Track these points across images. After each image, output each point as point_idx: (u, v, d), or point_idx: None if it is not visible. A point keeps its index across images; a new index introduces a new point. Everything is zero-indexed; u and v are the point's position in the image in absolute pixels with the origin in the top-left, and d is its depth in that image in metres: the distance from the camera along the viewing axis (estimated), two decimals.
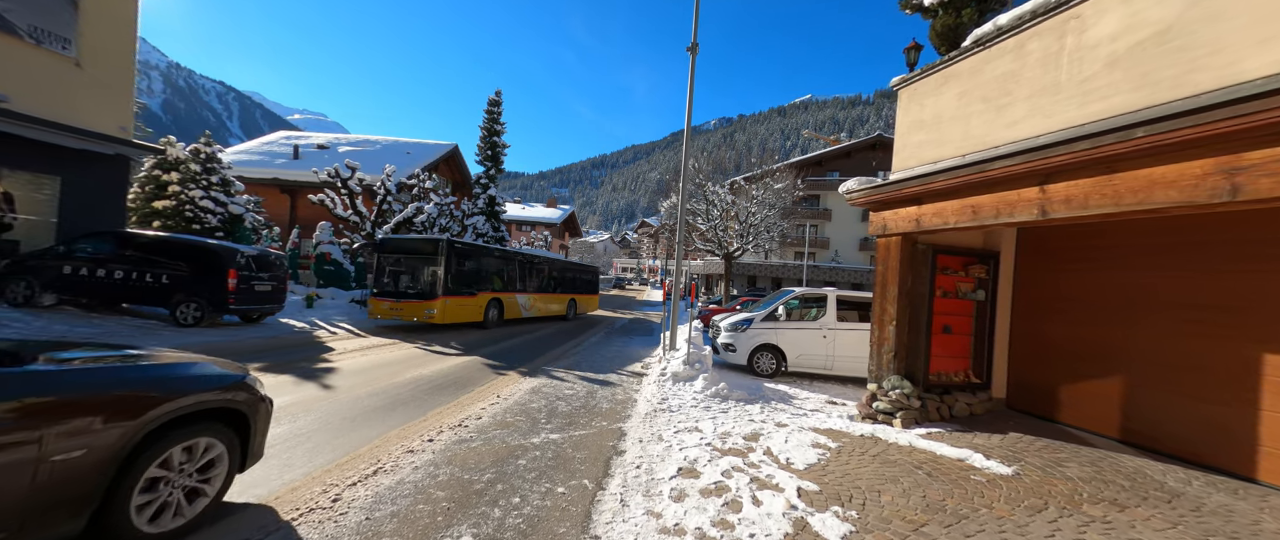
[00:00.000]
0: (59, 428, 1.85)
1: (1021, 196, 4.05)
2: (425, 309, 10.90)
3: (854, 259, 38.43)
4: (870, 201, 5.70)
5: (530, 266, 15.38)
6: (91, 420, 1.94)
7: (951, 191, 4.64)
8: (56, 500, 1.88)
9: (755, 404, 6.18)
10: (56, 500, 1.88)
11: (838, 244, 38.92)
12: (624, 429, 4.81)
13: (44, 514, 1.85)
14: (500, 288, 13.43)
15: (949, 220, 4.72)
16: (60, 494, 1.88)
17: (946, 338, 5.46)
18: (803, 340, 8.87)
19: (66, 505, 1.91)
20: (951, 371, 5.50)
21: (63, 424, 1.87)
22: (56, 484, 1.86)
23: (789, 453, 4.10)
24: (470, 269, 12.21)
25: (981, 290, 5.55)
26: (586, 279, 20.50)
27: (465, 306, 11.79)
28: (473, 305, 12.08)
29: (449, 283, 11.18)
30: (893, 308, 5.39)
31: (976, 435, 4.62)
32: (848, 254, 38.67)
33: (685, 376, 7.09)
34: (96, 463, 1.96)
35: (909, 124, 5.44)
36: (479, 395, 5.74)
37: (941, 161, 4.91)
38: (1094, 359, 4.80)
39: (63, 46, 10.30)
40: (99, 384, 2.05)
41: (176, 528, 2.30)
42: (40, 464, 1.81)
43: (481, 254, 12.99)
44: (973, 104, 4.70)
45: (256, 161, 24.49)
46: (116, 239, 9.43)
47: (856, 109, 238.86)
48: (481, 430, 4.43)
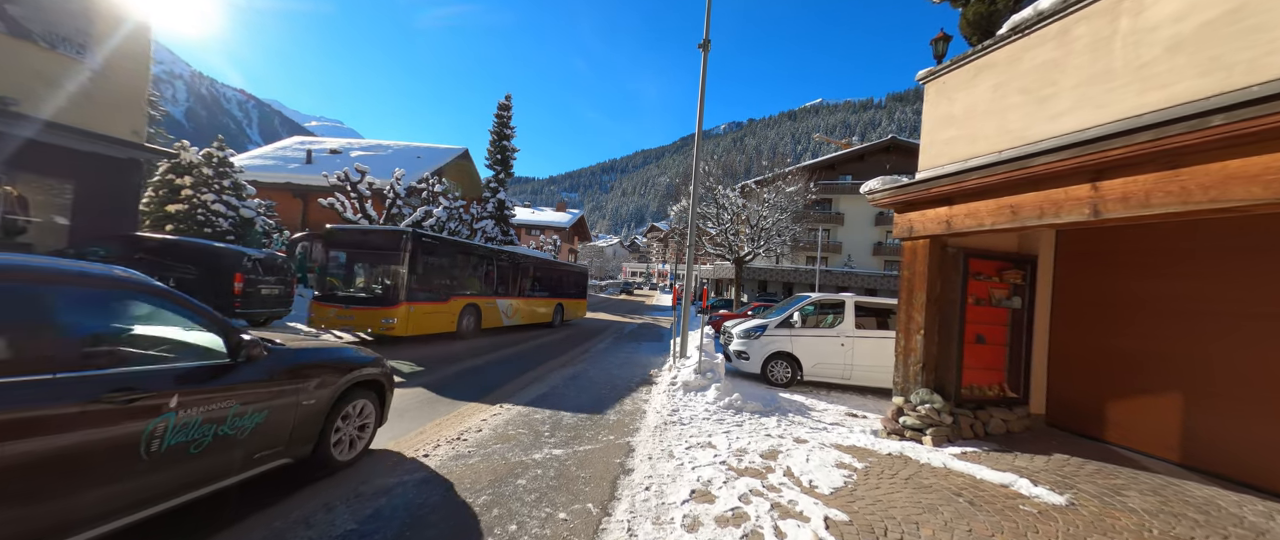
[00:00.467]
0: (306, 384, 2.99)
1: (1069, 195, 3.69)
2: (382, 317, 8.91)
3: (868, 264, 37.69)
4: (895, 202, 5.35)
5: (513, 267, 13.71)
6: (320, 381, 3.09)
7: (987, 190, 4.29)
8: (302, 432, 2.99)
9: (771, 416, 5.84)
10: (302, 432, 2.99)
11: (851, 249, 38.23)
12: (632, 443, 4.51)
13: (296, 439, 2.96)
14: (478, 291, 11.82)
15: (984, 221, 4.36)
16: (304, 429, 3.00)
17: (979, 348, 5.07)
18: (820, 348, 8.49)
19: (306, 436, 3.04)
20: (985, 385, 5.11)
21: (307, 383, 2.99)
22: (302, 421, 2.97)
23: (811, 474, 3.76)
24: (440, 269, 10.33)
25: (1017, 297, 5.15)
26: (574, 282, 18.77)
27: (434, 315, 9.97)
28: (443, 313, 10.24)
29: (413, 285, 9.29)
30: (920, 315, 5.02)
31: (1018, 456, 4.22)
32: (861, 259, 37.94)
33: (697, 386, 6.76)
34: (320, 409, 3.10)
35: (937, 119, 5.10)
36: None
37: (974, 159, 4.55)
38: (1150, 373, 4.38)
39: (78, 52, 10.41)
40: (322, 359, 3.20)
41: (350, 458, 3.48)
42: (297, 408, 2.92)
43: (455, 250, 11.06)
44: (1010, 96, 4.35)
45: (270, 166, 24.79)
46: (126, 242, 9.43)
47: (868, 113, 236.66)
48: (481, 444, 4.16)
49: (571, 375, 7.76)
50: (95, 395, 1.94)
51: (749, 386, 7.83)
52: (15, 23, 9.14)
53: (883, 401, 8.03)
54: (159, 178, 14.43)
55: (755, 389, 7.68)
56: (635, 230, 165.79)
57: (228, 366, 2.53)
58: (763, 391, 7.55)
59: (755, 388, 7.87)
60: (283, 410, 2.81)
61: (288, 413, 2.85)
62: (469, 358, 8.65)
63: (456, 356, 8.67)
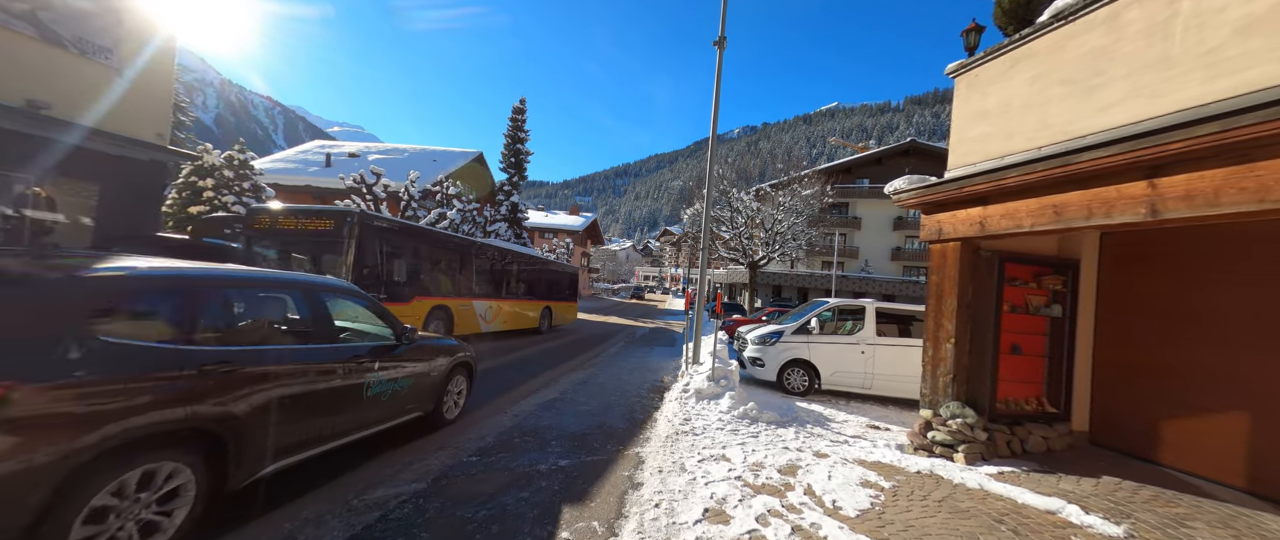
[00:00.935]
0: (434, 362, 4.23)
1: (1122, 193, 3.37)
2: None
3: (886, 269, 36.81)
4: (922, 203, 5.05)
5: (493, 263, 12.16)
6: (441, 360, 4.35)
7: (1027, 189, 3.97)
8: (430, 395, 4.22)
9: (788, 427, 5.55)
10: (430, 395, 4.22)
11: (868, 253, 37.40)
12: (642, 455, 4.29)
13: (426, 400, 4.18)
14: (449, 291, 10.05)
15: (1022, 223, 4.04)
16: (432, 393, 4.22)
17: (1015, 359, 4.72)
18: (838, 356, 8.15)
19: (432, 397, 4.26)
20: (1022, 398, 4.75)
21: (434, 360, 4.23)
22: (431, 386, 4.19)
23: (835, 493, 3.49)
24: (400, 263, 8.59)
25: (1057, 305, 4.79)
26: (565, 283, 17.08)
27: None
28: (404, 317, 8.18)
29: (363, 283, 7.40)
30: (950, 323, 4.70)
31: (1062, 478, 3.88)
32: (879, 264, 37.08)
33: (710, 394, 6.51)
34: (439, 380, 4.33)
35: (969, 115, 4.79)
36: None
37: (1011, 155, 4.24)
38: (1212, 389, 3.99)
39: (106, 57, 10.70)
40: (439, 345, 4.43)
41: (453, 418, 4.69)
42: (428, 377, 4.14)
43: (419, 241, 9.33)
44: (1051, 88, 4.04)
45: (291, 169, 25.32)
46: (146, 243, 9.60)
47: (886, 116, 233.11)
48: (483, 452, 3.99)
49: (581, 380, 7.57)
50: (346, 357, 3.27)
51: (764, 395, 7.53)
52: (47, 29, 9.40)
53: (906, 413, 7.66)
54: (182, 180, 14.78)
55: (771, 397, 7.39)
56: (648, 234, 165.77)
57: (395, 346, 3.76)
58: (779, 400, 7.25)
59: (771, 396, 7.57)
60: (422, 378, 4.08)
61: (424, 379, 4.12)
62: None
63: None
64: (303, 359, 2.91)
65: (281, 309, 3.24)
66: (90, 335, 2.02)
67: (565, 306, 16.63)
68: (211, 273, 2.65)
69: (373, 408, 3.47)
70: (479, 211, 22.54)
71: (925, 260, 36.10)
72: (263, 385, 2.61)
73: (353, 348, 3.36)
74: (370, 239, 7.77)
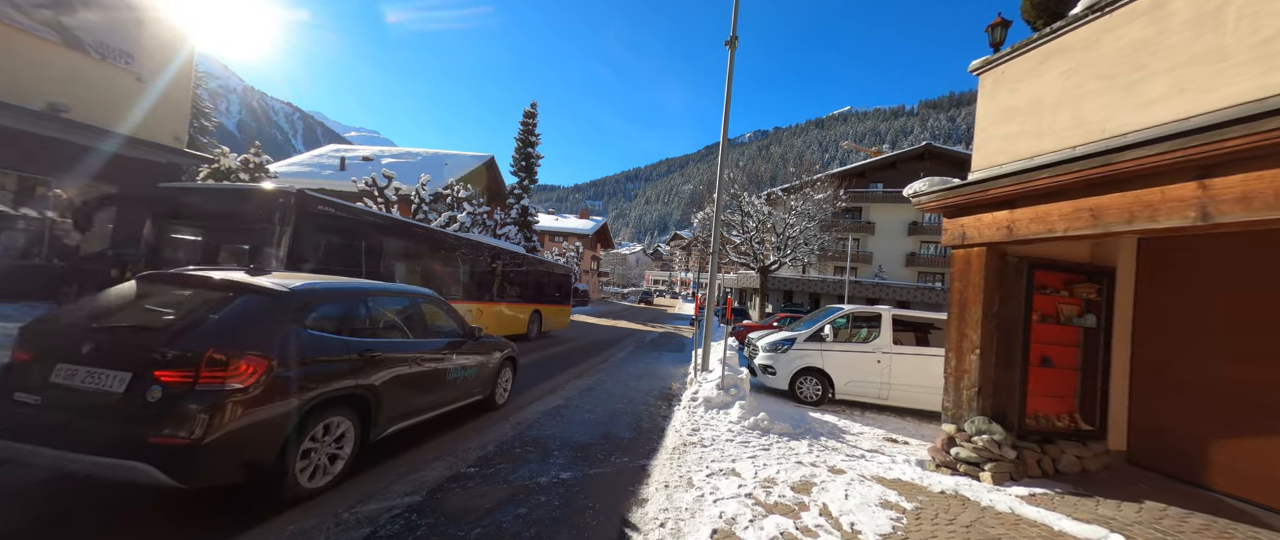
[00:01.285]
0: (492, 355, 5.15)
1: (1167, 196, 3.11)
2: None
3: (900, 275, 36.10)
4: (944, 206, 4.81)
5: (472, 260, 10.60)
6: (496, 354, 5.24)
7: (1060, 191, 3.73)
8: (489, 382, 5.12)
9: (801, 440, 5.32)
10: (489, 382, 5.12)
11: (882, 259, 36.74)
12: (648, 468, 4.10)
13: (485, 386, 5.07)
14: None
15: (1055, 227, 3.79)
16: (489, 380, 5.12)
17: (1045, 372, 4.44)
18: (853, 364, 7.88)
19: (489, 385, 5.15)
20: (1053, 414, 4.46)
21: (491, 354, 5.13)
22: (489, 375, 5.11)
23: (853, 514, 3.27)
24: (348, 256, 7.03)
25: (1091, 315, 4.50)
26: (556, 284, 15.22)
27: None
28: None
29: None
30: (975, 333, 4.45)
31: (1100, 502, 3.60)
32: (893, 270, 36.39)
33: (719, 403, 6.30)
34: (495, 370, 5.24)
35: (995, 113, 4.55)
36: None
37: (1042, 155, 3.99)
38: (1267, 409, 3.67)
39: (126, 62, 10.93)
40: (494, 341, 5.31)
41: (503, 403, 5.56)
42: (487, 367, 5.01)
43: (376, 230, 7.70)
44: (1086, 83, 3.79)
45: (306, 173, 25.73)
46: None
47: (899, 120, 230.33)
48: (483, 462, 3.84)
49: (587, 387, 7.41)
50: (438, 348, 4.18)
51: (776, 404, 7.29)
52: (69, 34, 9.61)
53: (924, 425, 7.35)
54: (199, 183, 15.04)
55: (783, 407, 7.15)
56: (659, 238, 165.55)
57: (464, 341, 4.64)
58: (791, 410, 7.01)
59: (783, 405, 7.33)
60: (483, 367, 4.99)
61: (484, 369, 5.03)
62: None
63: None
64: (412, 349, 3.87)
65: (396, 311, 4.01)
66: (303, 328, 2.93)
67: (557, 310, 14.88)
68: (357, 285, 3.77)
69: (452, 389, 4.44)
70: (489, 215, 22.62)
71: (941, 266, 35.49)
72: (392, 367, 3.54)
73: (440, 341, 4.30)
74: (310, 225, 6.23)
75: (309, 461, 2.90)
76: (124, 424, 2.29)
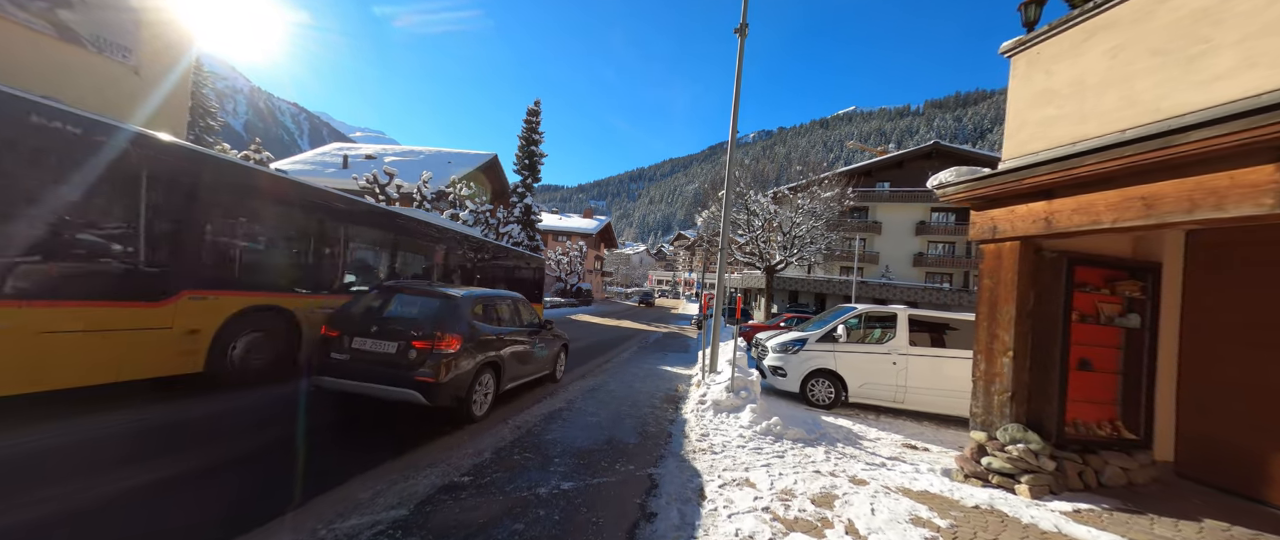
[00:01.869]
0: (557, 340, 7.09)
1: (1237, 181, 2.79)
2: None
3: (907, 275, 35.61)
4: (972, 197, 4.49)
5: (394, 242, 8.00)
6: (557, 342, 7.11)
7: (1107, 179, 3.41)
8: (553, 362, 6.94)
9: (817, 446, 5.01)
10: (553, 362, 6.94)
11: (888, 259, 36.25)
12: (655, 477, 3.81)
13: (550, 364, 6.87)
14: (296, 283, 5.99)
15: (1101, 218, 3.47)
16: (553, 360, 6.95)
17: (1084, 376, 4.12)
18: (867, 366, 7.55)
19: (553, 363, 6.99)
20: (1093, 421, 4.13)
21: (555, 342, 7.00)
22: (553, 355, 6.94)
23: (882, 533, 2.96)
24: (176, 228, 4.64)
25: (1135, 314, 4.17)
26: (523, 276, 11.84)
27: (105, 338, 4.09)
28: (160, 319, 4.49)
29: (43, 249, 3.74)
30: (1007, 334, 4.13)
31: (1155, 521, 3.27)
32: (900, 270, 35.91)
33: (729, 406, 6.00)
34: (557, 353, 7.12)
35: (1030, 97, 4.23)
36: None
37: (1085, 140, 3.67)
38: None
39: (123, 55, 10.75)
40: (556, 332, 7.14)
41: (561, 379, 7.32)
42: (551, 348, 6.81)
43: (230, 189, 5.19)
44: (1137, 60, 3.47)
45: (309, 171, 25.64)
46: None
47: (905, 120, 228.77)
48: (477, 471, 3.56)
49: (590, 388, 7.13)
50: (529, 333, 5.95)
51: (787, 407, 6.98)
52: (65, 27, 9.44)
53: (943, 430, 7.02)
54: None
55: (795, 410, 6.84)
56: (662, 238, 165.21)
57: (540, 328, 6.33)
58: (803, 414, 6.70)
59: (794, 409, 7.02)
60: (551, 347, 6.65)
61: (550, 351, 6.64)
62: None
63: None
64: (518, 334, 5.70)
65: (507, 307, 5.78)
66: (474, 319, 4.84)
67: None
68: (490, 292, 5.64)
69: (535, 364, 6.20)
70: (492, 213, 22.40)
71: (949, 267, 34.99)
72: (510, 345, 5.39)
73: (530, 329, 6.09)
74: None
75: (475, 399, 4.73)
76: (399, 369, 4.19)
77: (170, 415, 4.21)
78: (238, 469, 3.28)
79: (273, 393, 5.12)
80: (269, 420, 4.32)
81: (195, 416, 4.25)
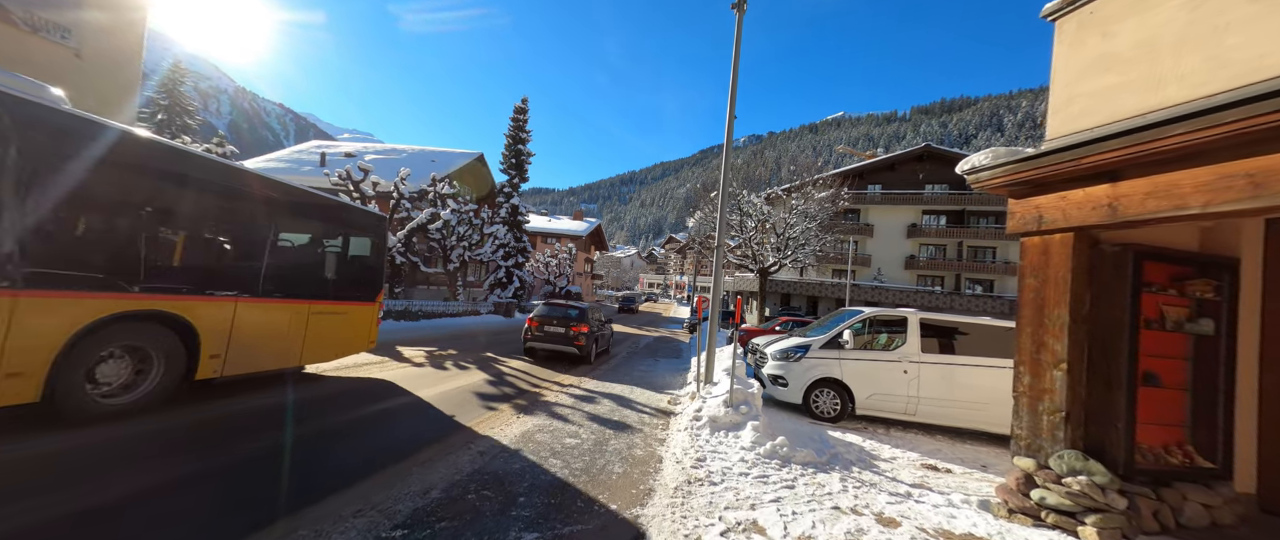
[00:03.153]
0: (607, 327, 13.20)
1: None
2: None
3: (899, 278, 35.40)
4: (1012, 182, 3.85)
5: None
6: (608, 328, 13.38)
7: (1197, 154, 2.78)
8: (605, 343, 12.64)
9: (831, 472, 4.32)
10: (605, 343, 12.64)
11: (881, 262, 36.03)
12: (641, 521, 3.08)
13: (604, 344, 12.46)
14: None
15: (1188, 203, 2.83)
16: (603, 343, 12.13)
17: (1149, 393, 3.48)
18: (877, 375, 6.91)
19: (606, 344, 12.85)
20: (1160, 446, 3.50)
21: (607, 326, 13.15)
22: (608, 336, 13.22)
23: None
24: None
25: (1208, 318, 3.55)
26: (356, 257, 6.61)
27: None
28: None
29: None
30: (1059, 343, 3.48)
31: None
32: (892, 273, 35.69)
33: (727, 423, 5.28)
34: (609, 333, 13.74)
35: (1083, 64, 3.61)
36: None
37: (1163, 109, 3.04)
38: None
39: (62, 36, 9.79)
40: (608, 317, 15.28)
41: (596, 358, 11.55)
42: (605, 331, 12.65)
43: None
44: (1228, 10, 2.85)
45: (284, 169, 24.53)
46: None
47: (892, 125, 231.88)
48: (417, 519, 2.79)
49: (571, 400, 6.36)
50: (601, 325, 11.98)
51: (790, 421, 6.30)
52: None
53: (960, 446, 6.39)
54: None
55: (799, 425, 6.15)
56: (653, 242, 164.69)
57: (609, 321, 14.10)
58: (809, 429, 6.01)
59: (799, 423, 6.33)
60: (604, 328, 12.29)
61: (604, 329, 12.14)
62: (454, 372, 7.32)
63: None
64: (604, 323, 12.43)
65: (600, 313, 12.17)
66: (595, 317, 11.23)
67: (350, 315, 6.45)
68: (591, 305, 11.58)
69: (607, 342, 12.36)
70: (476, 213, 21.51)
71: (942, 269, 34.83)
72: (601, 328, 11.69)
73: (601, 321, 11.79)
74: None
75: (590, 354, 10.24)
76: (567, 341, 9.77)
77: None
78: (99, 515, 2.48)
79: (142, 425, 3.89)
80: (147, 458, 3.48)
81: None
